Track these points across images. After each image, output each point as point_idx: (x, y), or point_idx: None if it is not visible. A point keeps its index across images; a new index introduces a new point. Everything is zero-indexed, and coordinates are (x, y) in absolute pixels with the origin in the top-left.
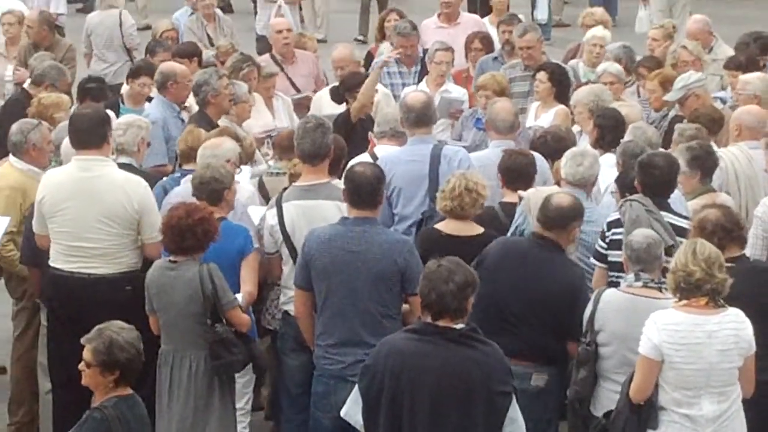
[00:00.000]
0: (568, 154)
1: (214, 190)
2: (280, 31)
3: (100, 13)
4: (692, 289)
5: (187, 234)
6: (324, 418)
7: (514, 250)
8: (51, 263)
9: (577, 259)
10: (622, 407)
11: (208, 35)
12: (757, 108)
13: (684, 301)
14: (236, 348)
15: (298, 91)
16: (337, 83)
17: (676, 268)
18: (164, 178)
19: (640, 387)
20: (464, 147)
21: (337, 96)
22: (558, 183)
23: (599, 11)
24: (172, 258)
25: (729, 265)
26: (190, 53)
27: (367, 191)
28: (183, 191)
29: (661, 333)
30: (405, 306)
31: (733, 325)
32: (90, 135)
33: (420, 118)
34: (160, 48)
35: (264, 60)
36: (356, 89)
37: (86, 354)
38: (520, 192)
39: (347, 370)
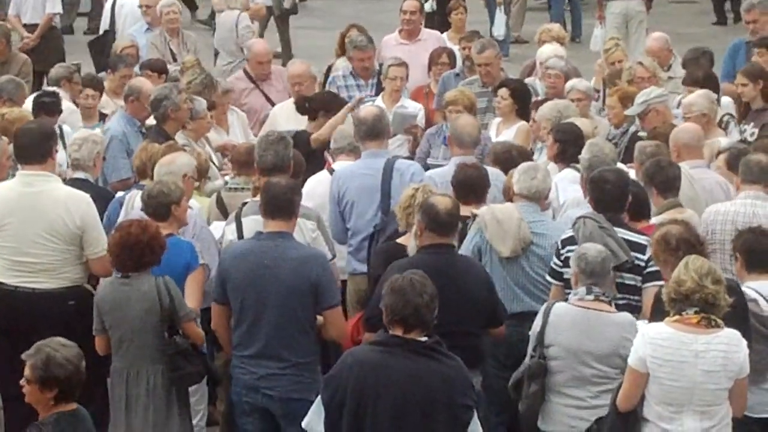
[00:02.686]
0: (519, 168)
1: (161, 204)
2: (261, 63)
3: (227, 13)
4: (682, 299)
5: (146, 250)
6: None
7: (425, 266)
8: None
9: (531, 270)
10: (609, 413)
11: (171, 51)
12: (693, 125)
13: (677, 317)
14: (195, 359)
15: (273, 105)
16: (301, 96)
17: (671, 281)
18: (120, 193)
19: (626, 396)
20: (437, 164)
21: (304, 109)
22: (510, 198)
23: (556, 27)
24: (123, 273)
25: None
26: (159, 69)
27: (281, 200)
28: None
29: (647, 347)
30: (319, 318)
31: (723, 347)
32: (33, 150)
33: (371, 130)
34: (121, 64)
35: (239, 77)
36: (328, 111)
37: (26, 370)
38: (473, 210)
39: (260, 382)
